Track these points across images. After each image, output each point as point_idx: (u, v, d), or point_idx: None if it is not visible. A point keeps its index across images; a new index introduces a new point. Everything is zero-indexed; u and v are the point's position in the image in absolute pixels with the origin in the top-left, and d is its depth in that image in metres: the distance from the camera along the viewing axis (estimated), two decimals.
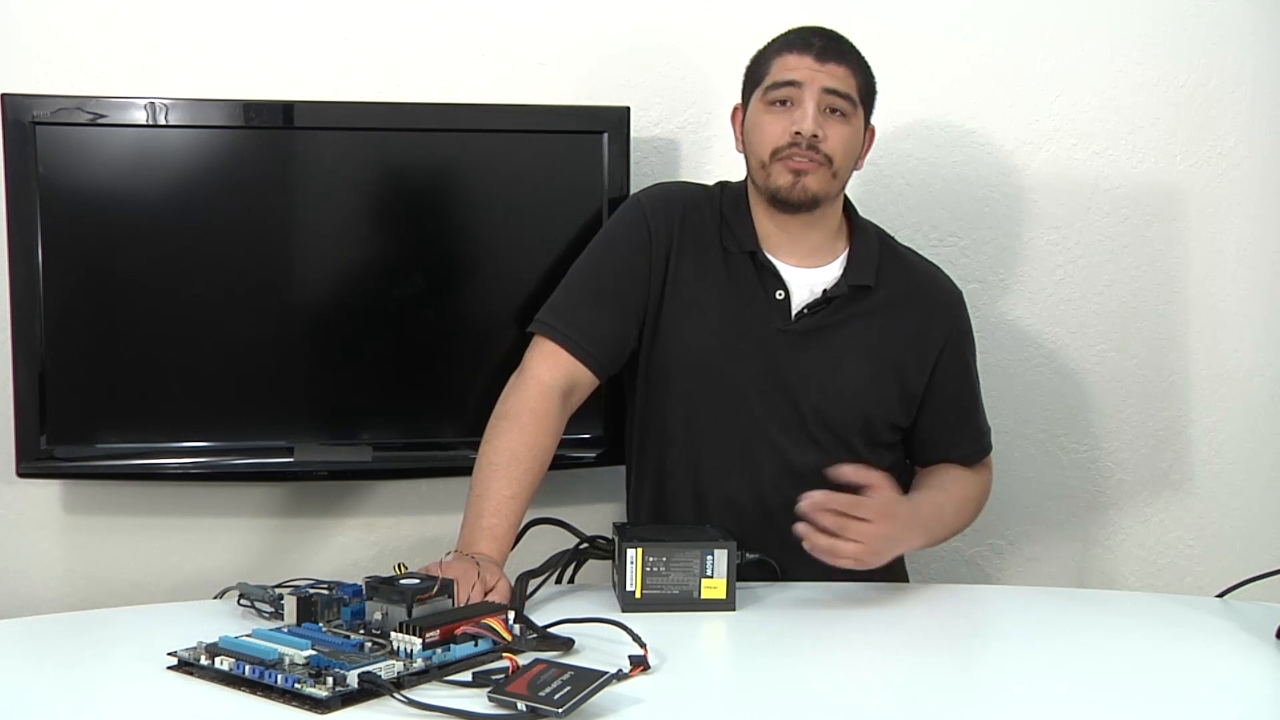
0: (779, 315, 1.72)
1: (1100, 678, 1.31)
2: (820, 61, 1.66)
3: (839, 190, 1.72)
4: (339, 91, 1.97)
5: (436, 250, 1.92)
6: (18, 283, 1.78)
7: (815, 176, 1.67)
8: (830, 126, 1.66)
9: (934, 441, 1.79)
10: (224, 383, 1.86)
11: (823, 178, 1.67)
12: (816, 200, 1.68)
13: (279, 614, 1.37)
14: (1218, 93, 2.19)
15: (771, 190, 1.69)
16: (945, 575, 2.18)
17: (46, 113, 1.77)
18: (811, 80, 1.65)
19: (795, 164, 1.66)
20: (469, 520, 1.55)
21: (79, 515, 1.98)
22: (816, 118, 1.65)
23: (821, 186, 1.67)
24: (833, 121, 1.66)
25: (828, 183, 1.68)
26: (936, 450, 1.80)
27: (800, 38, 1.69)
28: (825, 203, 1.70)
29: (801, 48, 1.67)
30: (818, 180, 1.67)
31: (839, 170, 1.68)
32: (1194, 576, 2.24)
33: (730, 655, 1.45)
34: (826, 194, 1.69)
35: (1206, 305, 2.22)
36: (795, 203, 1.68)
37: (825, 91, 1.65)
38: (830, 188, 1.69)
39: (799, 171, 1.66)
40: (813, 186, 1.67)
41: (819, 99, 1.65)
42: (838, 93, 1.66)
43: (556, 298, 1.72)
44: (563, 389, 1.66)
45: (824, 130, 1.65)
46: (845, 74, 1.67)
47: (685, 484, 1.75)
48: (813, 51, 1.66)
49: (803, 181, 1.67)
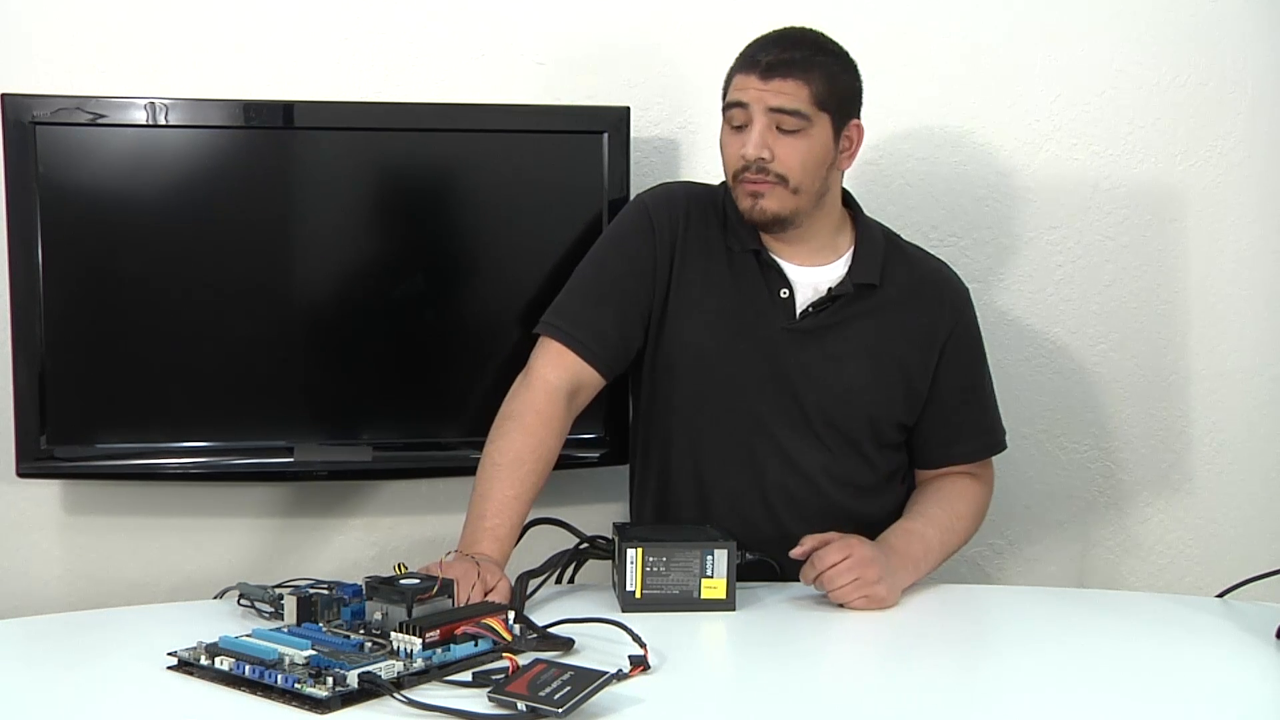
0: (783, 314, 1.72)
1: (1100, 678, 1.31)
2: (765, 79, 1.63)
3: (810, 202, 1.69)
4: (339, 91, 1.97)
5: (436, 250, 1.92)
6: (18, 283, 1.78)
7: (771, 197, 1.65)
8: (780, 145, 1.64)
9: (933, 439, 1.79)
10: (224, 383, 1.86)
11: (779, 196, 1.65)
12: (779, 218, 1.67)
13: (279, 614, 1.37)
14: (1218, 93, 2.19)
15: (741, 212, 1.69)
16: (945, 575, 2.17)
17: (46, 113, 1.77)
18: (757, 100, 1.63)
19: (750, 187, 1.66)
20: (471, 520, 1.56)
21: (79, 515, 1.98)
22: (761, 139, 1.63)
23: (780, 205, 1.66)
24: (784, 140, 1.64)
25: (787, 199, 1.66)
26: (935, 447, 1.79)
27: (749, 55, 1.67)
28: (799, 216, 1.68)
29: (748, 66, 1.65)
30: (774, 200, 1.66)
31: (799, 185, 1.65)
32: (1194, 576, 2.24)
33: (730, 655, 1.45)
34: (792, 210, 1.67)
35: (1206, 305, 2.22)
36: (760, 224, 1.68)
37: (770, 111, 1.63)
38: (794, 203, 1.67)
39: (755, 194, 1.66)
40: (771, 207, 1.66)
41: (766, 119, 1.63)
42: (784, 110, 1.63)
43: (562, 299, 1.72)
44: (568, 390, 1.66)
45: (772, 150, 1.63)
46: (795, 87, 1.63)
47: (689, 483, 1.75)
48: (758, 70, 1.64)
49: (760, 204, 1.66)
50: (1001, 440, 1.83)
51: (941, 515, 1.73)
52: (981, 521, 1.81)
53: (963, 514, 1.76)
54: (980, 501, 1.80)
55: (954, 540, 1.74)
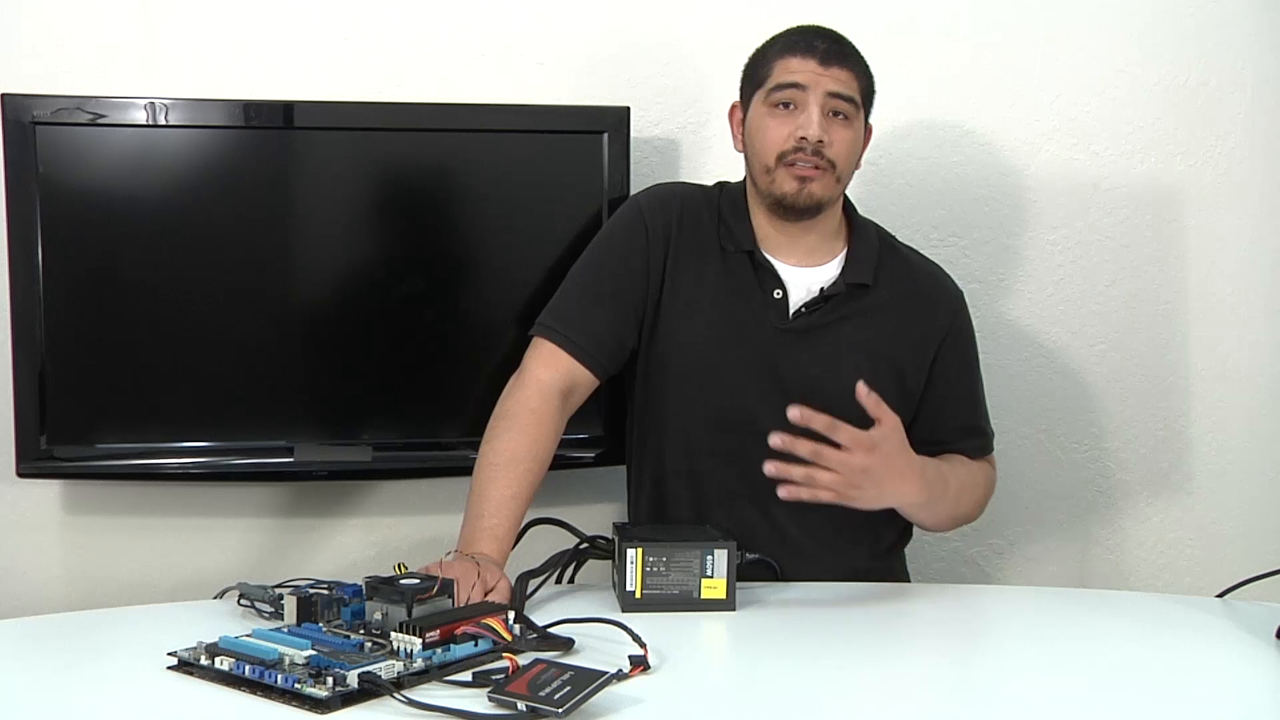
0: (777, 314, 1.72)
1: (1100, 678, 1.31)
2: (824, 65, 1.66)
3: (841, 193, 1.73)
4: (339, 91, 1.97)
5: (436, 250, 1.92)
6: (18, 283, 1.78)
7: (820, 182, 1.67)
8: (834, 131, 1.66)
9: (924, 440, 1.78)
10: (224, 383, 1.86)
11: (827, 183, 1.68)
12: (820, 206, 1.69)
13: (279, 614, 1.37)
14: (1218, 93, 2.19)
15: (777, 196, 1.69)
16: (945, 575, 2.18)
17: (46, 113, 1.77)
18: (816, 84, 1.65)
19: (801, 170, 1.66)
20: (469, 520, 1.56)
21: (79, 515, 1.98)
22: (821, 122, 1.65)
23: (826, 192, 1.68)
24: (836, 125, 1.67)
25: (832, 187, 1.69)
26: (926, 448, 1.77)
27: (804, 40, 1.69)
28: (827, 207, 1.71)
29: (805, 50, 1.67)
30: (822, 186, 1.68)
31: (842, 174, 1.69)
32: (1194, 576, 2.24)
33: (730, 655, 1.45)
34: (831, 198, 1.70)
35: (1206, 305, 2.22)
36: (800, 208, 1.69)
37: (829, 95, 1.66)
38: (834, 192, 1.70)
39: (804, 178, 1.67)
40: (818, 192, 1.68)
41: (823, 103, 1.66)
42: (841, 96, 1.66)
43: (556, 300, 1.73)
44: (562, 389, 1.66)
45: (829, 135, 1.66)
46: (849, 77, 1.67)
47: (684, 483, 1.75)
48: (817, 55, 1.66)
49: (808, 188, 1.67)
50: (990, 443, 1.84)
51: (963, 473, 1.74)
52: (988, 500, 1.81)
53: (979, 484, 1.78)
54: (989, 478, 1.81)
55: (965, 500, 1.74)
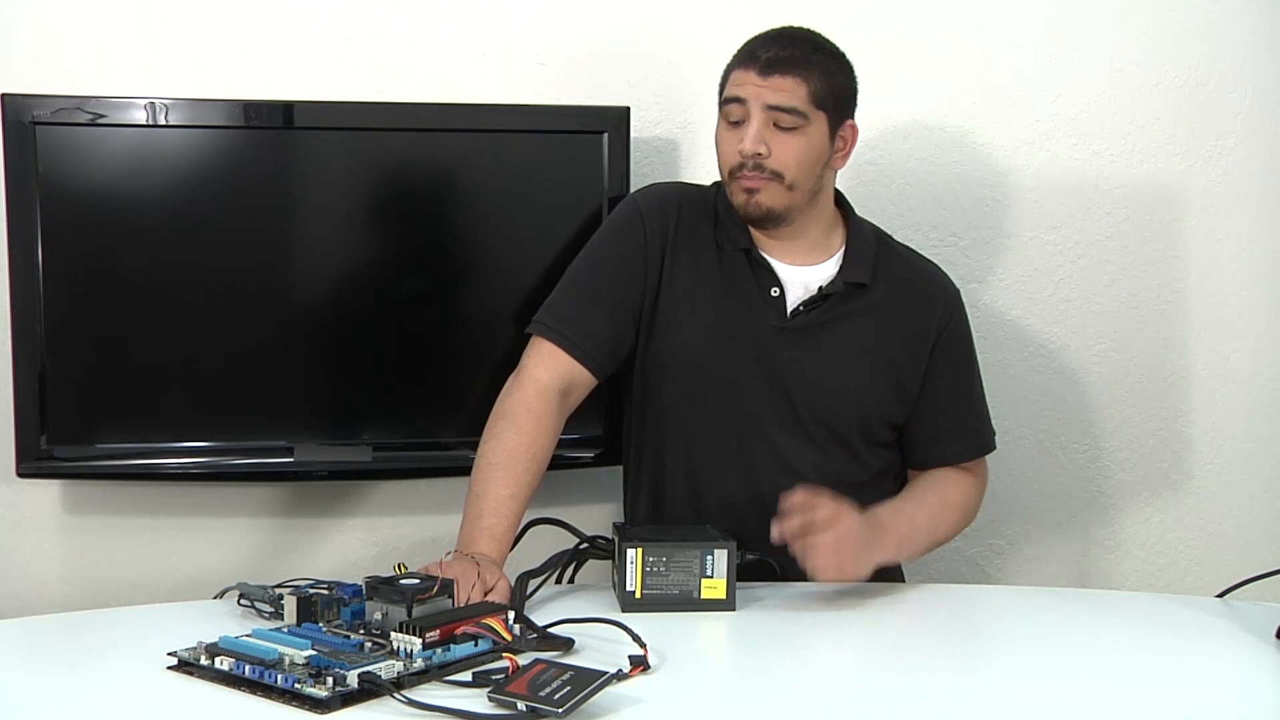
0: (774, 312, 1.72)
1: (1100, 678, 1.31)
2: (764, 76, 1.64)
3: (805, 198, 1.70)
4: (339, 91, 1.97)
5: (436, 250, 1.92)
6: (18, 283, 1.78)
7: (767, 192, 1.67)
8: (776, 141, 1.65)
9: (921, 439, 1.79)
10: (224, 383, 1.86)
11: (774, 192, 1.67)
12: (773, 214, 1.69)
13: (279, 614, 1.37)
14: (1218, 93, 2.19)
15: (735, 208, 1.70)
16: (945, 575, 2.18)
17: (46, 113, 1.77)
18: (755, 96, 1.65)
19: (746, 183, 1.67)
20: (468, 520, 1.56)
21: (79, 515, 1.98)
22: (759, 135, 1.64)
23: (775, 201, 1.67)
24: (780, 136, 1.65)
25: (782, 196, 1.67)
26: (924, 448, 1.79)
27: (749, 51, 1.68)
28: (793, 214, 1.70)
29: (748, 62, 1.66)
30: (770, 196, 1.67)
31: (795, 182, 1.67)
32: (1194, 576, 2.24)
33: (730, 655, 1.45)
34: (786, 206, 1.68)
35: (1206, 305, 2.22)
36: (755, 219, 1.70)
37: (768, 108, 1.64)
38: (788, 200, 1.68)
39: (751, 189, 1.67)
40: (765, 202, 1.67)
41: (764, 115, 1.65)
42: (781, 108, 1.64)
43: (553, 299, 1.73)
44: (560, 389, 1.67)
45: (769, 146, 1.65)
46: (793, 84, 1.64)
47: (682, 482, 1.75)
48: (757, 66, 1.65)
49: (755, 199, 1.67)
50: (991, 441, 1.84)
51: (933, 501, 1.74)
52: (973, 517, 1.81)
53: (954, 504, 1.76)
54: (972, 496, 1.80)
55: (941, 529, 1.74)
